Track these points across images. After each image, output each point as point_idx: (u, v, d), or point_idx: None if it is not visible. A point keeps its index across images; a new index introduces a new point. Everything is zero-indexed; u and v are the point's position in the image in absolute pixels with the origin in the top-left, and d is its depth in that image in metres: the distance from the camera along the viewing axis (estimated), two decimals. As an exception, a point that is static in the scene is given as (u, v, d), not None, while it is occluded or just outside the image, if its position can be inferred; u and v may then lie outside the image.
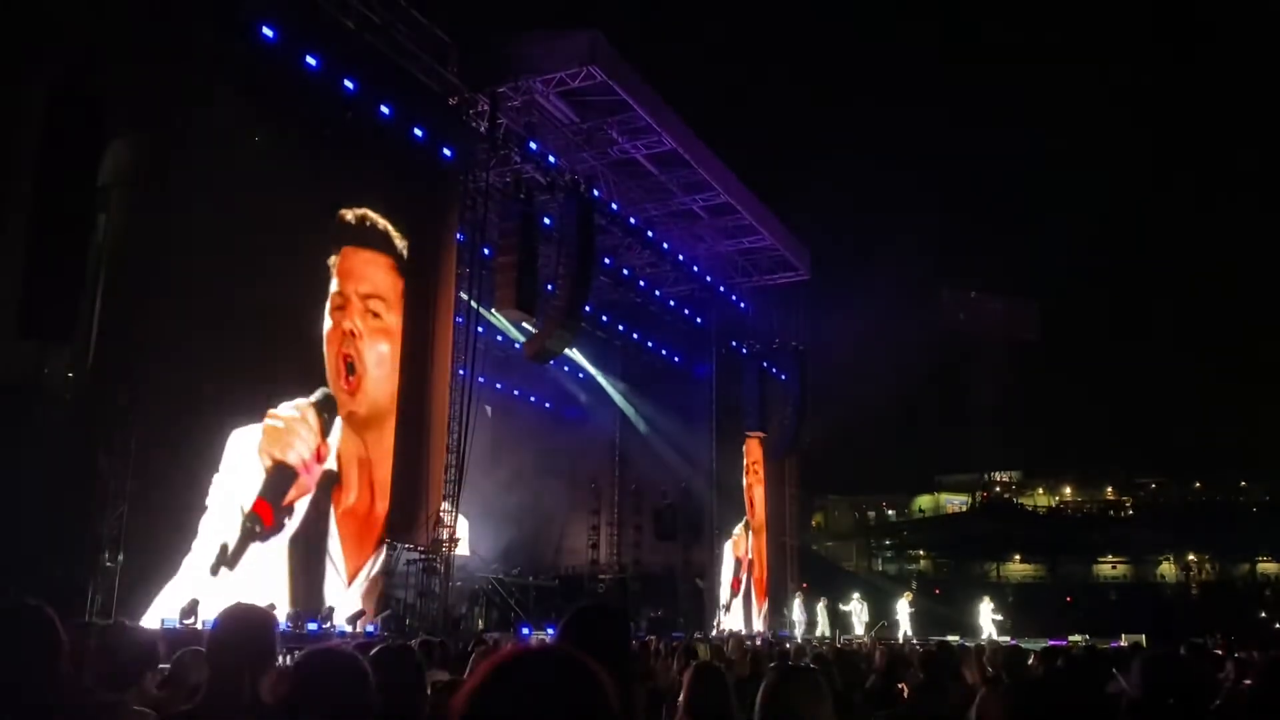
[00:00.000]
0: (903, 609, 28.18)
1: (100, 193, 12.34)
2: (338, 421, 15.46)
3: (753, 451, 30.00)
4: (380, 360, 16.48)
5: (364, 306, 16.16)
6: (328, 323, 15.51)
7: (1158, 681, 4.12)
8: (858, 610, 28.87)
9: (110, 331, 12.55)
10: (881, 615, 29.68)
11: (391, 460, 16.49)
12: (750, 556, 29.83)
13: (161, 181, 13.01)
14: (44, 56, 12.39)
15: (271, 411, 14.30)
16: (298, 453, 14.62)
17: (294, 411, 14.66)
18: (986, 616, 28.61)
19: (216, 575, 13.14)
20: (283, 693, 2.73)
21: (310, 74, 15.40)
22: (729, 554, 28.64)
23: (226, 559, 13.34)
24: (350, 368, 15.76)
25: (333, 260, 15.65)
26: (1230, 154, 65.65)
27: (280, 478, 14.32)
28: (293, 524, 14.50)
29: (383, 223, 16.64)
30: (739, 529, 29.25)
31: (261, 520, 13.90)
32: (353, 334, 15.91)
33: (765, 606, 30.08)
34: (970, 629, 28.38)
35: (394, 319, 16.77)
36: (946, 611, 35.64)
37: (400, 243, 16.94)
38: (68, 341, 12.23)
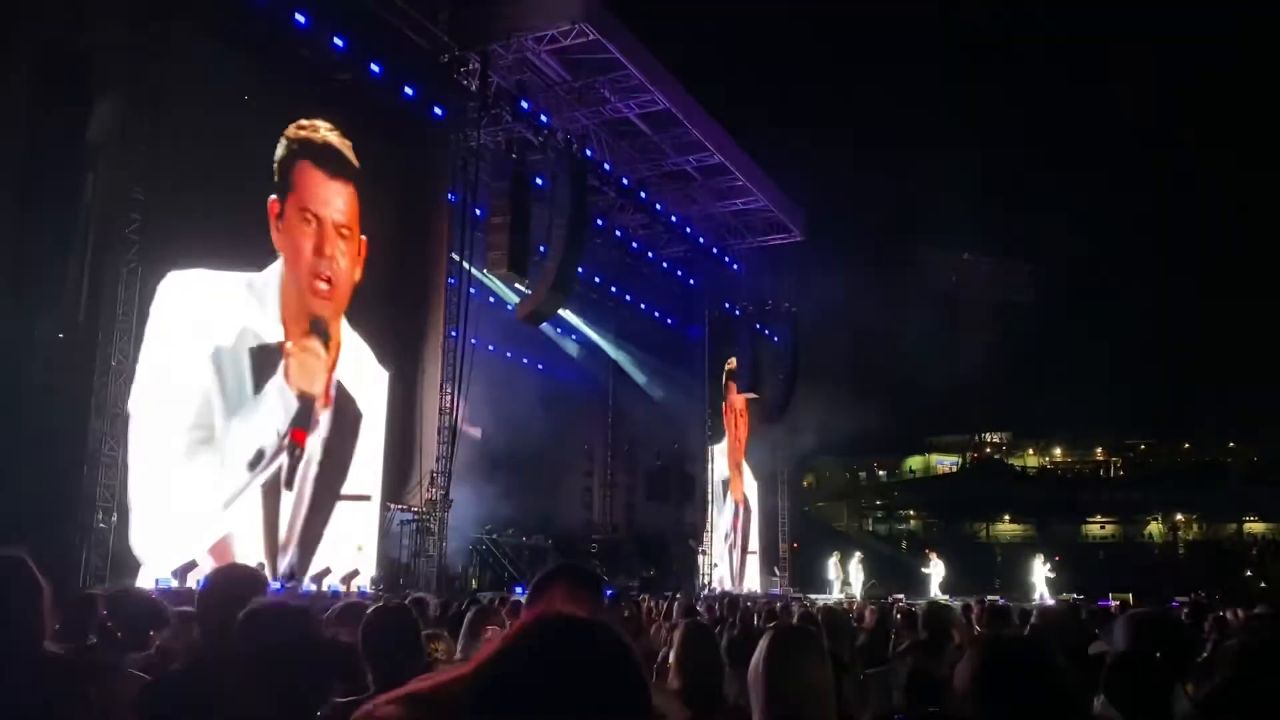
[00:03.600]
0: (934, 570, 28.34)
1: (88, 151, 12.25)
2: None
3: (734, 397, 30.03)
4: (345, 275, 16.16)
5: (338, 233, 15.79)
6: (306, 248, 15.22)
7: (1141, 637, 4.17)
8: (855, 570, 29.23)
9: (99, 291, 12.50)
10: (872, 575, 29.97)
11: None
12: (743, 496, 30.19)
13: (150, 140, 12.89)
14: (31, 16, 12.22)
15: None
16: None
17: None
18: (1040, 575, 28.70)
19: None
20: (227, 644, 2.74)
21: (299, 31, 15.23)
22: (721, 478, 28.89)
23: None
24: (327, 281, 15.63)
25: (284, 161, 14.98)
26: (1227, 111, 65.48)
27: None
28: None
29: (346, 148, 16.03)
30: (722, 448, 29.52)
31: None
32: (331, 257, 15.66)
33: (758, 565, 30.38)
34: (1023, 588, 28.60)
35: (354, 236, 16.28)
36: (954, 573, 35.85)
37: (353, 158, 16.19)
38: (57, 301, 12.18)
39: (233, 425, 13.68)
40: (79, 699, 2.97)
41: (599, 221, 23.58)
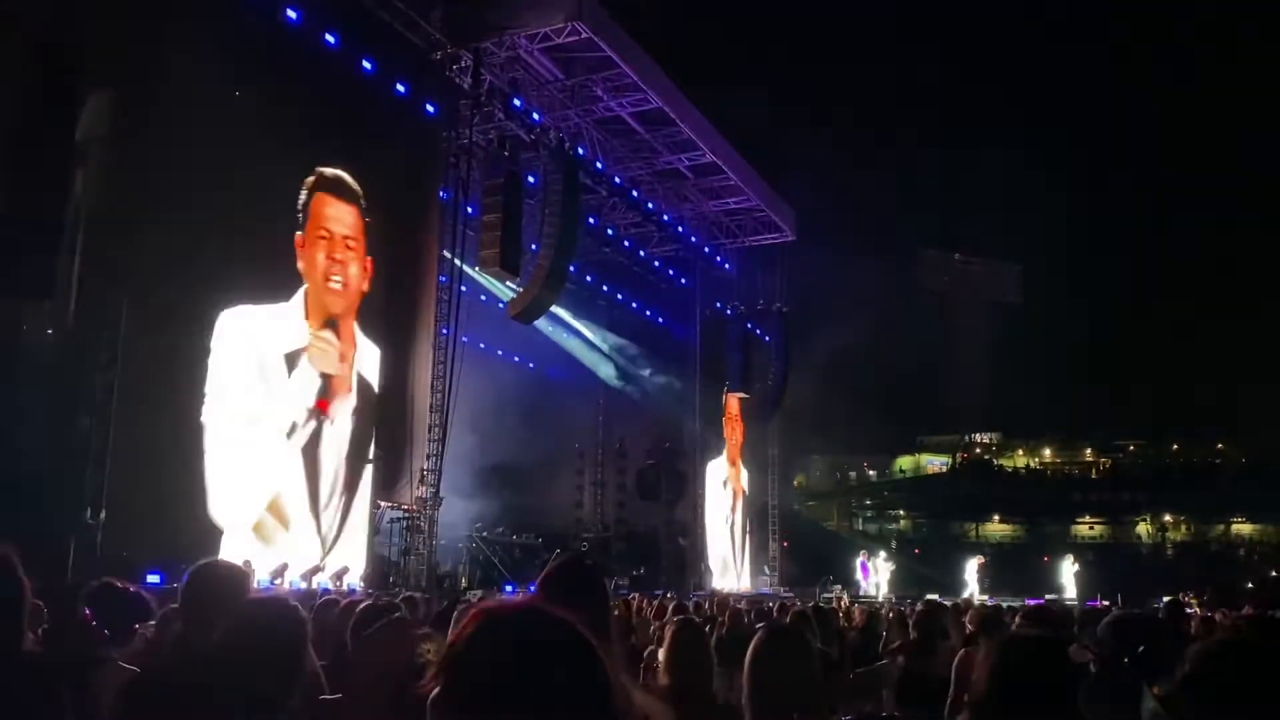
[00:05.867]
0: (971, 571, 28.78)
1: (78, 148, 12.18)
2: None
3: (731, 405, 30.18)
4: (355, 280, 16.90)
5: (344, 244, 16.61)
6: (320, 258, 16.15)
7: (1126, 639, 4.18)
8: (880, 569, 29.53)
9: (89, 289, 12.43)
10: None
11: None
12: (741, 487, 30.30)
13: (140, 137, 12.82)
14: (20, 10, 12.15)
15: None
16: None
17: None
18: (1069, 574, 29.29)
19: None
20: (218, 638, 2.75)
21: (291, 28, 15.19)
22: (714, 478, 28.97)
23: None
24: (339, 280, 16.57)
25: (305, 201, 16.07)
26: (1225, 109, 65.73)
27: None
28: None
29: (352, 181, 16.80)
30: (722, 459, 29.58)
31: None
32: (342, 262, 16.50)
33: (748, 564, 30.43)
34: (1015, 587, 29.14)
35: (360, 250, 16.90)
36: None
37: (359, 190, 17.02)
38: (46, 299, 12.11)
39: (271, 408, 15.01)
40: (55, 698, 2.95)
41: (591, 220, 23.57)
